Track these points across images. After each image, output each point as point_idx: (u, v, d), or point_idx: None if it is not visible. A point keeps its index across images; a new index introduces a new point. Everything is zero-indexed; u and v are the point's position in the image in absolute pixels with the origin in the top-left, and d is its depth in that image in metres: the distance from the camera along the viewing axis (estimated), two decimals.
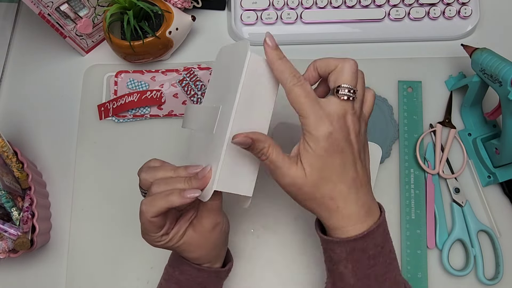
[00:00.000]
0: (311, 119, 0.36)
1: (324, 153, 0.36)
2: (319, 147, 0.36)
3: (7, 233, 0.51)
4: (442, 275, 0.56)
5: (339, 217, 0.38)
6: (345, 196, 0.37)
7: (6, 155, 0.53)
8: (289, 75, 0.37)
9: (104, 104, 0.61)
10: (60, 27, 0.59)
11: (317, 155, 0.36)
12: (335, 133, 0.36)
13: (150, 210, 0.39)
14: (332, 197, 0.37)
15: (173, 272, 0.46)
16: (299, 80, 0.37)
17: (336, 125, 0.36)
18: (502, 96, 0.51)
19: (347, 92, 0.37)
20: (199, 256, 0.44)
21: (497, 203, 0.58)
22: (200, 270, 0.45)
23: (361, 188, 0.38)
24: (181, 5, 0.62)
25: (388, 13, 0.64)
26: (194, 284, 0.45)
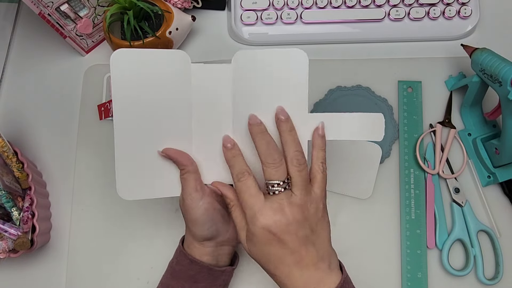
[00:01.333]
0: (248, 213, 0.40)
1: (261, 244, 0.40)
2: (256, 239, 0.40)
3: (7, 233, 0.51)
4: (442, 275, 0.56)
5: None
6: (287, 274, 0.40)
7: (6, 155, 0.53)
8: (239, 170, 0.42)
9: (104, 104, 0.61)
10: (60, 27, 0.59)
11: (254, 244, 0.40)
12: (270, 227, 0.39)
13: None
14: (274, 274, 0.40)
15: (172, 262, 0.48)
16: (243, 175, 0.41)
17: (272, 220, 0.39)
18: (502, 96, 0.51)
19: (275, 188, 0.40)
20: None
21: (497, 203, 0.58)
22: (192, 262, 0.46)
23: (306, 267, 0.39)
24: (181, 5, 0.62)
25: (388, 13, 0.64)
26: (186, 276, 0.46)
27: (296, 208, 0.40)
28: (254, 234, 0.40)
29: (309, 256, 0.40)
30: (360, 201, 0.58)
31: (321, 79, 0.62)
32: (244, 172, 0.42)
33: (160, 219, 0.58)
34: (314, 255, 0.40)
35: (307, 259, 0.39)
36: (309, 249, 0.40)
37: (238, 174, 0.42)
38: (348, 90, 0.62)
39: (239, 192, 0.41)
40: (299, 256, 0.39)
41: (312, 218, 0.40)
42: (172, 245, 0.56)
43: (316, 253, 0.40)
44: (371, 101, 0.61)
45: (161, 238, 0.57)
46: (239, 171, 0.42)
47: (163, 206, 0.58)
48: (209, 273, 0.46)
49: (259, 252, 0.40)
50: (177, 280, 0.46)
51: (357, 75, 0.63)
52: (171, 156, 0.44)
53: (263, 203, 0.40)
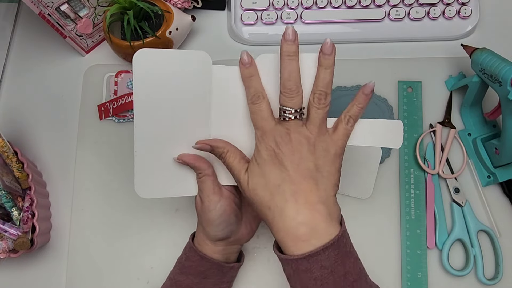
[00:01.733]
0: (258, 133, 0.40)
1: (264, 163, 0.39)
2: (260, 158, 0.39)
3: (7, 233, 0.51)
4: (442, 275, 0.56)
5: (276, 230, 0.38)
6: (282, 208, 0.38)
7: (6, 155, 0.53)
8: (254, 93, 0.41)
9: (104, 104, 0.61)
10: (60, 27, 0.59)
11: (257, 163, 0.40)
12: (275, 149, 0.39)
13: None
14: (269, 207, 0.38)
15: (180, 259, 0.48)
16: (258, 98, 0.41)
17: (279, 141, 0.39)
18: (502, 96, 0.51)
19: (287, 114, 0.40)
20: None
21: (497, 203, 0.58)
22: (203, 259, 0.46)
23: (304, 204, 0.37)
24: (181, 5, 0.62)
25: (388, 13, 0.64)
26: (196, 272, 0.46)
27: (302, 138, 0.39)
28: (261, 152, 0.39)
29: (308, 191, 0.38)
30: (360, 201, 0.58)
31: None
32: (259, 95, 0.41)
33: (160, 219, 0.58)
34: (315, 193, 0.38)
35: (306, 194, 0.37)
36: (309, 184, 0.38)
37: (253, 97, 0.41)
38: (348, 90, 0.62)
39: (252, 113, 0.41)
40: (297, 188, 0.38)
41: (318, 156, 0.39)
42: (172, 245, 0.56)
43: (317, 192, 0.38)
44: (371, 101, 0.61)
45: (161, 238, 0.57)
46: (255, 94, 0.41)
47: (163, 206, 0.58)
48: (219, 269, 0.47)
49: (259, 175, 0.39)
50: (187, 276, 0.47)
51: (357, 75, 0.63)
52: (187, 162, 0.44)
53: (273, 126, 0.40)
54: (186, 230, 0.57)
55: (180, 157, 0.44)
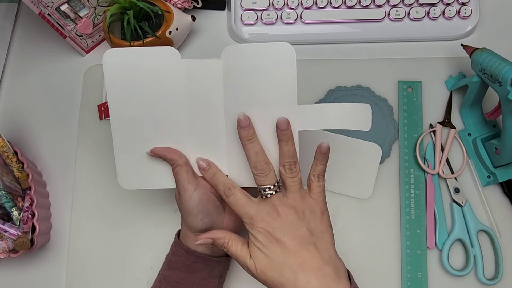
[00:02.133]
0: (246, 221, 0.42)
1: (263, 246, 0.41)
2: (258, 242, 0.41)
3: (7, 233, 0.51)
4: (442, 275, 0.56)
5: None
6: (293, 282, 0.39)
7: (6, 155, 0.53)
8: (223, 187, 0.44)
9: (104, 104, 0.61)
10: (60, 27, 0.59)
11: (258, 248, 0.41)
12: (268, 228, 0.41)
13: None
14: (282, 284, 0.40)
15: (168, 254, 0.49)
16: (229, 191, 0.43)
17: (268, 221, 0.41)
18: (502, 96, 0.51)
19: (268, 192, 0.42)
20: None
21: (497, 203, 0.58)
22: (188, 252, 0.47)
23: (312, 271, 0.39)
24: (181, 5, 0.62)
25: (388, 13, 0.64)
26: (182, 266, 0.47)
27: (289, 208, 0.41)
28: (256, 237, 0.41)
29: (311, 258, 0.39)
30: (360, 201, 0.58)
31: (321, 79, 0.62)
32: (229, 187, 0.44)
33: (160, 219, 0.58)
34: (317, 257, 0.40)
35: (310, 261, 0.39)
36: (310, 250, 0.40)
37: (225, 191, 0.44)
38: (348, 90, 0.62)
39: (231, 206, 0.43)
40: (301, 258, 0.39)
41: (309, 221, 0.41)
42: None
43: (319, 255, 0.40)
44: (371, 101, 0.61)
45: (161, 238, 0.57)
46: (225, 187, 0.44)
47: (163, 206, 0.58)
48: (205, 263, 0.47)
49: (263, 258, 0.41)
50: (174, 271, 0.47)
51: (357, 75, 0.63)
52: (158, 154, 0.46)
53: (256, 208, 0.42)
54: None
55: (152, 150, 0.46)
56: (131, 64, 0.44)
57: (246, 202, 0.42)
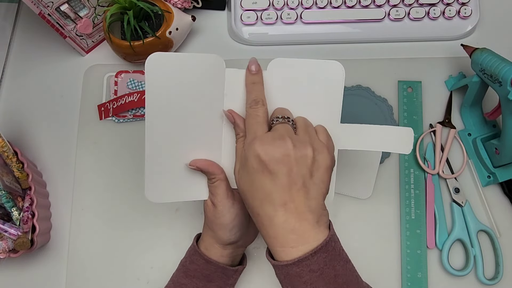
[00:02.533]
0: (248, 137, 0.40)
1: (253, 171, 0.38)
2: (248, 166, 0.38)
3: (7, 233, 0.51)
4: (442, 275, 0.56)
5: (265, 235, 0.38)
6: (271, 216, 0.37)
7: (6, 155, 0.53)
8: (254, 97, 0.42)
9: (104, 104, 0.61)
10: (60, 27, 0.59)
11: (247, 171, 0.38)
12: (265, 154, 0.37)
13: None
14: (258, 213, 0.38)
15: (185, 262, 0.48)
16: (257, 104, 0.41)
17: (268, 146, 0.37)
18: (502, 96, 0.51)
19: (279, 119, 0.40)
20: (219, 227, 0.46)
21: (497, 203, 0.58)
22: (208, 263, 0.46)
23: (293, 214, 0.37)
24: (181, 5, 0.62)
25: (388, 13, 0.64)
26: (201, 275, 0.46)
27: (296, 142, 0.38)
28: (248, 160, 0.38)
29: (298, 201, 0.37)
30: (360, 201, 0.58)
31: None
32: (259, 101, 0.41)
33: (160, 219, 0.58)
34: (304, 203, 0.37)
35: (296, 203, 0.37)
36: (300, 192, 0.37)
37: (253, 102, 0.41)
38: (348, 90, 0.62)
39: (248, 116, 0.41)
40: (288, 196, 0.37)
41: (312, 162, 0.38)
42: (172, 245, 0.56)
43: (307, 201, 0.37)
44: (371, 101, 0.61)
45: (161, 238, 0.57)
46: (255, 99, 0.41)
47: (163, 206, 0.58)
48: (224, 272, 0.47)
49: (248, 183, 0.38)
50: (191, 279, 0.46)
51: (357, 75, 0.63)
52: (200, 168, 0.44)
53: (265, 132, 0.39)
54: (186, 230, 0.57)
55: (193, 163, 0.44)
56: (175, 70, 0.42)
57: (263, 122, 0.40)
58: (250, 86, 0.42)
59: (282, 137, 0.38)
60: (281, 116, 0.40)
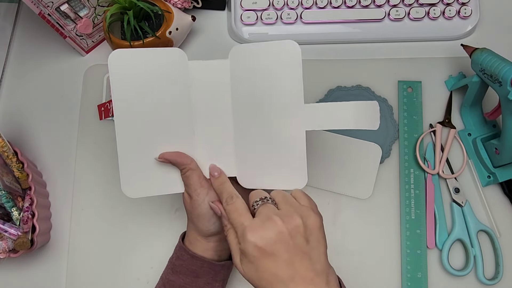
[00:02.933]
0: (239, 231, 0.40)
1: (254, 259, 0.38)
2: (249, 256, 0.39)
3: (7, 233, 0.51)
4: (442, 275, 0.56)
5: None
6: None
7: (6, 155, 0.53)
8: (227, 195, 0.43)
9: (104, 104, 0.61)
10: (60, 27, 0.59)
11: (248, 261, 0.39)
12: (261, 240, 0.38)
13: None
14: None
15: (171, 258, 0.48)
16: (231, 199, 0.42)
17: (261, 232, 0.38)
18: (502, 96, 0.51)
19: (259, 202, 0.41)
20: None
21: (497, 203, 0.58)
22: (194, 257, 0.46)
23: (303, 284, 0.37)
24: (181, 5, 0.62)
25: (388, 13, 0.64)
26: (187, 271, 0.46)
27: (285, 217, 0.39)
28: (246, 251, 0.39)
29: (304, 270, 0.38)
30: (360, 201, 0.58)
31: (321, 79, 0.62)
32: (232, 195, 0.42)
33: (160, 219, 0.58)
34: (310, 268, 0.38)
35: (302, 272, 0.38)
36: (303, 261, 0.38)
37: (227, 199, 0.42)
38: (348, 90, 0.62)
39: (229, 213, 0.42)
40: (293, 270, 0.38)
41: (305, 229, 0.39)
42: (172, 245, 0.56)
43: (311, 266, 0.38)
44: None
45: (161, 238, 0.57)
46: (228, 196, 0.43)
47: (163, 206, 0.58)
48: (210, 267, 0.47)
49: (253, 271, 0.39)
50: (178, 275, 0.47)
51: (357, 75, 0.63)
52: (168, 159, 0.45)
53: (251, 220, 0.40)
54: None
55: (161, 155, 0.45)
56: (137, 66, 0.43)
57: (244, 212, 0.41)
58: (220, 187, 0.44)
59: (269, 218, 0.39)
60: (259, 199, 0.41)
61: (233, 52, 0.44)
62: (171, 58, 0.44)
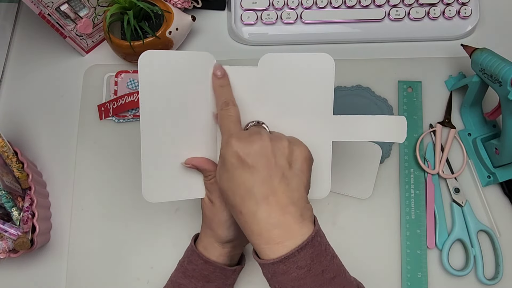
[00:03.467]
0: (224, 137, 0.40)
1: (232, 168, 0.37)
2: (227, 164, 0.38)
3: (7, 233, 0.51)
4: (442, 275, 0.56)
5: (249, 233, 0.37)
6: (253, 212, 0.36)
7: (6, 155, 0.53)
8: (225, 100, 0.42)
9: (104, 104, 0.61)
10: (60, 27, 0.59)
11: (226, 170, 0.38)
12: (243, 149, 0.37)
13: None
14: (240, 211, 0.37)
15: (183, 262, 0.48)
16: (228, 105, 0.42)
17: (245, 142, 0.37)
18: (502, 96, 0.51)
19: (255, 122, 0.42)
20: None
21: (497, 203, 0.58)
22: (207, 263, 0.46)
23: (276, 207, 0.36)
24: (181, 5, 0.62)
25: (388, 13, 0.64)
26: (199, 275, 0.46)
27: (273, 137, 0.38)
28: (225, 157, 0.38)
29: (280, 193, 0.36)
30: (360, 201, 0.58)
31: None
32: (229, 102, 0.42)
33: (160, 219, 0.58)
34: (287, 194, 0.37)
35: (278, 195, 0.36)
36: (281, 184, 0.37)
37: (223, 104, 0.42)
38: (348, 90, 0.62)
39: (221, 118, 0.41)
40: (269, 189, 0.36)
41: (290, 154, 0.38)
42: (172, 245, 0.56)
43: (289, 193, 0.37)
44: (371, 101, 0.61)
45: (161, 238, 0.57)
46: (225, 101, 0.42)
47: (163, 206, 0.58)
48: (222, 272, 0.47)
49: (228, 180, 0.38)
50: (189, 280, 0.46)
51: (357, 75, 0.63)
52: (196, 165, 0.44)
53: (240, 130, 0.40)
54: (186, 230, 0.57)
55: (188, 161, 0.44)
56: (167, 68, 0.42)
57: (236, 121, 0.41)
58: (218, 89, 0.43)
59: (258, 132, 0.39)
60: (254, 121, 0.42)
61: (264, 59, 0.43)
62: (200, 61, 0.43)
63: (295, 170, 0.38)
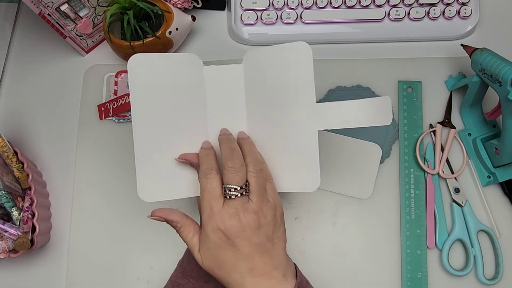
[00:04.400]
0: (204, 216, 0.40)
1: (214, 246, 0.40)
2: (209, 242, 0.40)
3: (7, 233, 0.51)
4: (442, 275, 0.56)
5: None
6: (240, 283, 0.39)
7: (6, 155, 0.53)
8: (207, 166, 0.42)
9: (104, 104, 0.62)
10: (60, 27, 0.59)
11: (208, 248, 0.40)
12: (225, 231, 0.39)
13: None
14: (228, 282, 0.40)
15: (182, 262, 0.49)
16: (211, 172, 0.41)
17: (227, 223, 0.39)
18: (502, 96, 0.51)
19: (232, 192, 0.40)
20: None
21: (497, 203, 0.58)
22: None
23: (260, 277, 0.39)
24: (181, 5, 0.62)
25: (388, 13, 0.64)
26: (198, 276, 0.47)
27: (251, 214, 0.39)
28: (208, 236, 0.39)
29: (263, 264, 0.39)
30: (360, 201, 0.58)
31: (321, 79, 0.62)
32: (213, 169, 0.41)
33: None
34: (269, 264, 0.39)
35: (261, 267, 0.39)
36: (264, 257, 0.39)
37: (207, 170, 0.41)
38: (348, 90, 0.62)
39: (203, 189, 0.41)
40: (252, 264, 0.39)
41: (268, 226, 0.40)
42: (172, 245, 0.56)
43: (270, 261, 0.40)
44: None
45: (161, 238, 0.57)
46: (208, 167, 0.42)
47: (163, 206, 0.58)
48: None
49: (212, 258, 0.40)
50: (189, 279, 0.47)
51: (357, 75, 0.63)
52: (189, 160, 0.44)
53: (221, 207, 0.40)
54: None
55: (182, 156, 0.44)
56: (155, 69, 0.43)
57: (219, 196, 0.40)
58: (203, 157, 0.43)
59: (237, 213, 0.39)
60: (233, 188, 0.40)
61: (247, 55, 0.44)
62: (186, 62, 0.44)
63: (274, 240, 0.40)
